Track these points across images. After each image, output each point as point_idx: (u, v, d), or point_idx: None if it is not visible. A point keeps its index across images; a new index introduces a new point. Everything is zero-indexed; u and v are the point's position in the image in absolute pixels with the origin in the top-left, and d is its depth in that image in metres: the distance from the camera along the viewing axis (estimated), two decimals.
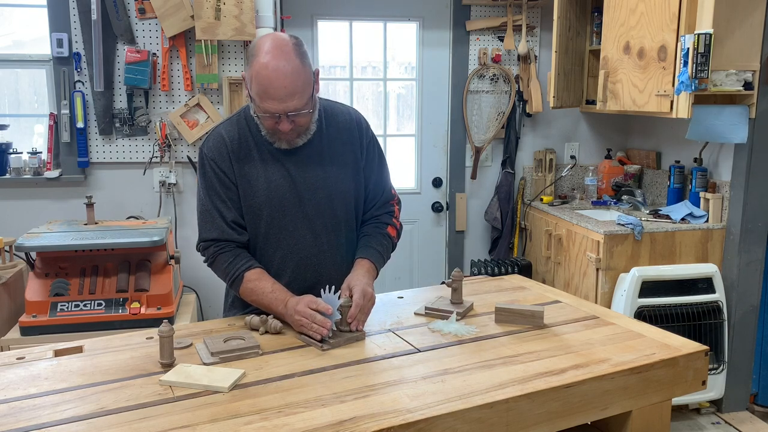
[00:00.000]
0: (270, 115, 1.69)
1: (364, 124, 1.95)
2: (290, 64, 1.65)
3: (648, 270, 3.06)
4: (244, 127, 1.82)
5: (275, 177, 1.80)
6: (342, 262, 1.89)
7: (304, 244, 1.84)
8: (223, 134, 1.82)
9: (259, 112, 1.71)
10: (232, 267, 1.79)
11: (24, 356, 1.60)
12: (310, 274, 1.86)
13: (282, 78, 1.64)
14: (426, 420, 1.27)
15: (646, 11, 3.04)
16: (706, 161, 3.34)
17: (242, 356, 1.56)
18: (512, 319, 1.80)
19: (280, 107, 1.66)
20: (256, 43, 1.70)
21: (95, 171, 3.36)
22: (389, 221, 1.97)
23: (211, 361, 1.53)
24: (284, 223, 1.82)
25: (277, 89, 1.64)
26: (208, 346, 1.59)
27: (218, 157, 1.80)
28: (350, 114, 1.94)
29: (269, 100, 1.66)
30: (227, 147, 1.80)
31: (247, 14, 3.11)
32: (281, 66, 1.63)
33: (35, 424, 1.26)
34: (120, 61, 3.26)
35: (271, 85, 1.64)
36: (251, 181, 1.80)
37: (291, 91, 1.65)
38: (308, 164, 1.83)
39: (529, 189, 4.04)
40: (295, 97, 1.67)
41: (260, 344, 1.62)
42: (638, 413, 1.55)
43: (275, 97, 1.65)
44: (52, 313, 2.64)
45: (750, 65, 2.89)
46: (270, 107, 1.67)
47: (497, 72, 3.92)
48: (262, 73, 1.64)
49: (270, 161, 1.81)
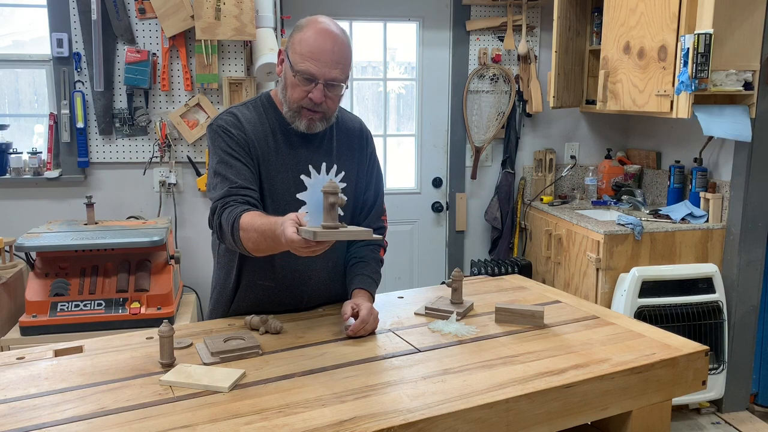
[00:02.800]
0: (308, 78, 1.68)
1: (370, 136, 1.98)
2: (340, 38, 1.71)
3: (648, 270, 3.06)
4: (262, 113, 1.81)
5: (283, 168, 1.78)
6: (333, 266, 1.90)
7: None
8: (237, 113, 1.79)
9: (297, 75, 1.69)
10: (232, 212, 1.64)
11: (24, 356, 1.60)
12: (299, 276, 1.85)
13: (332, 45, 1.68)
14: (426, 420, 1.27)
15: (646, 11, 3.04)
16: (706, 161, 3.34)
17: (242, 356, 1.56)
18: (512, 319, 1.80)
19: (322, 71, 1.68)
20: (307, 19, 1.74)
21: (95, 171, 3.36)
22: (380, 242, 1.98)
23: (211, 361, 1.53)
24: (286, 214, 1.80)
25: (325, 52, 1.67)
26: (208, 346, 1.59)
27: (234, 128, 1.75)
28: (358, 123, 1.97)
29: (314, 62, 1.67)
30: (242, 125, 1.76)
31: (247, 14, 3.11)
32: (332, 36, 1.69)
33: (35, 424, 1.26)
34: (120, 61, 3.26)
35: (321, 47, 1.67)
36: (260, 166, 1.77)
37: (338, 59, 1.69)
38: (317, 161, 1.83)
39: (529, 189, 4.04)
40: (339, 67, 1.70)
41: (260, 344, 1.62)
42: (638, 413, 1.55)
43: (322, 59, 1.67)
44: (52, 313, 2.64)
45: (750, 65, 2.89)
46: (312, 68, 1.67)
47: (497, 72, 3.92)
48: (312, 38, 1.67)
49: (283, 151, 1.80)
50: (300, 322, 1.81)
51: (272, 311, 1.85)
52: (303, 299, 1.89)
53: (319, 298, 1.91)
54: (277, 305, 1.87)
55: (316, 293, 1.90)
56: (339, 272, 1.93)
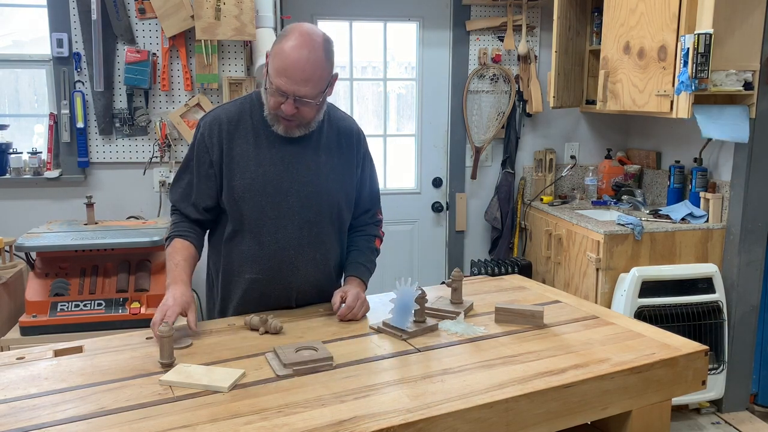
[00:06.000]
0: (280, 92, 1.72)
1: (363, 137, 2.02)
2: (314, 54, 1.71)
3: (648, 270, 3.06)
4: (247, 110, 1.87)
5: (266, 162, 1.83)
6: (322, 261, 1.91)
7: (285, 234, 1.85)
8: (221, 113, 1.87)
9: (270, 87, 1.75)
10: (173, 228, 1.90)
11: (24, 356, 1.60)
12: (286, 267, 1.87)
13: (303, 62, 1.70)
14: (426, 420, 1.27)
15: (646, 11, 3.04)
16: (706, 161, 3.34)
17: (316, 369, 1.49)
18: (512, 319, 1.80)
19: (291, 88, 1.71)
20: (293, 26, 1.76)
21: (95, 171, 3.36)
22: (377, 233, 2.07)
23: (285, 373, 1.47)
24: (267, 209, 1.83)
25: (296, 71, 1.69)
26: (280, 357, 1.52)
27: (208, 133, 1.85)
28: (351, 123, 2.00)
29: (284, 78, 1.70)
30: (221, 126, 1.84)
31: (247, 14, 3.11)
32: (306, 53, 1.70)
33: (35, 424, 1.26)
34: (120, 61, 3.26)
35: (290, 65, 1.69)
36: (240, 161, 1.83)
37: (306, 77, 1.71)
38: (302, 157, 1.86)
39: (529, 189, 4.04)
40: (308, 85, 1.72)
41: (332, 355, 1.53)
42: (638, 413, 1.55)
43: (292, 77, 1.70)
44: (52, 313, 2.64)
45: (750, 65, 2.89)
46: (282, 84, 1.71)
47: (497, 72, 3.92)
48: (287, 53, 1.70)
49: (265, 146, 1.84)
50: (300, 322, 1.81)
51: (264, 305, 1.88)
52: (292, 290, 1.90)
53: (309, 290, 1.93)
54: (267, 298, 1.89)
55: (305, 284, 1.91)
56: (328, 265, 1.94)
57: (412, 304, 1.71)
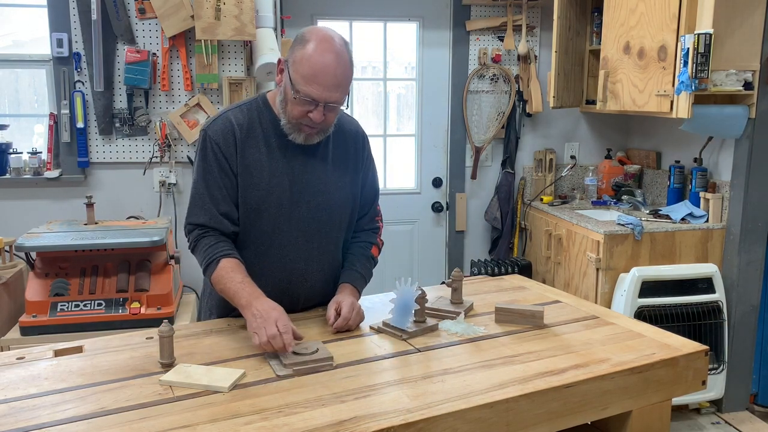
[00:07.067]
0: (309, 100, 1.66)
1: (366, 138, 1.97)
2: (341, 58, 1.66)
3: (648, 270, 3.06)
4: (255, 117, 1.79)
5: (278, 172, 1.77)
6: (329, 269, 1.89)
7: (295, 245, 1.81)
8: (231, 119, 1.77)
9: (298, 96, 1.67)
10: (212, 250, 1.74)
11: (24, 356, 1.60)
12: (296, 277, 1.84)
13: (335, 67, 1.64)
14: (426, 420, 1.27)
15: (646, 11, 3.04)
16: (706, 161, 3.34)
17: (316, 369, 1.49)
18: (512, 319, 1.80)
19: (323, 95, 1.65)
20: (309, 30, 1.70)
21: (95, 171, 3.36)
22: (374, 240, 1.99)
23: (285, 373, 1.47)
24: (279, 221, 1.79)
25: (327, 76, 1.64)
26: (281, 357, 1.52)
27: (223, 141, 1.75)
28: (355, 126, 1.95)
29: (315, 86, 1.64)
30: (234, 133, 1.75)
31: (247, 14, 3.11)
32: (333, 57, 1.65)
33: (35, 424, 1.26)
34: (120, 61, 3.26)
35: (323, 71, 1.63)
36: (253, 172, 1.76)
37: (339, 82, 1.66)
38: (313, 167, 1.81)
39: (529, 189, 4.04)
40: (339, 90, 1.67)
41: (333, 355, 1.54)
42: (638, 413, 1.55)
43: (323, 83, 1.64)
44: (52, 313, 2.64)
45: (750, 65, 2.89)
46: (313, 92, 1.64)
47: (497, 72, 3.92)
48: (314, 59, 1.64)
49: (276, 156, 1.78)
50: (299, 322, 1.80)
51: None
52: (299, 300, 1.88)
53: (315, 298, 1.91)
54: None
55: (312, 294, 1.89)
56: (335, 275, 1.91)
57: (413, 304, 1.71)
